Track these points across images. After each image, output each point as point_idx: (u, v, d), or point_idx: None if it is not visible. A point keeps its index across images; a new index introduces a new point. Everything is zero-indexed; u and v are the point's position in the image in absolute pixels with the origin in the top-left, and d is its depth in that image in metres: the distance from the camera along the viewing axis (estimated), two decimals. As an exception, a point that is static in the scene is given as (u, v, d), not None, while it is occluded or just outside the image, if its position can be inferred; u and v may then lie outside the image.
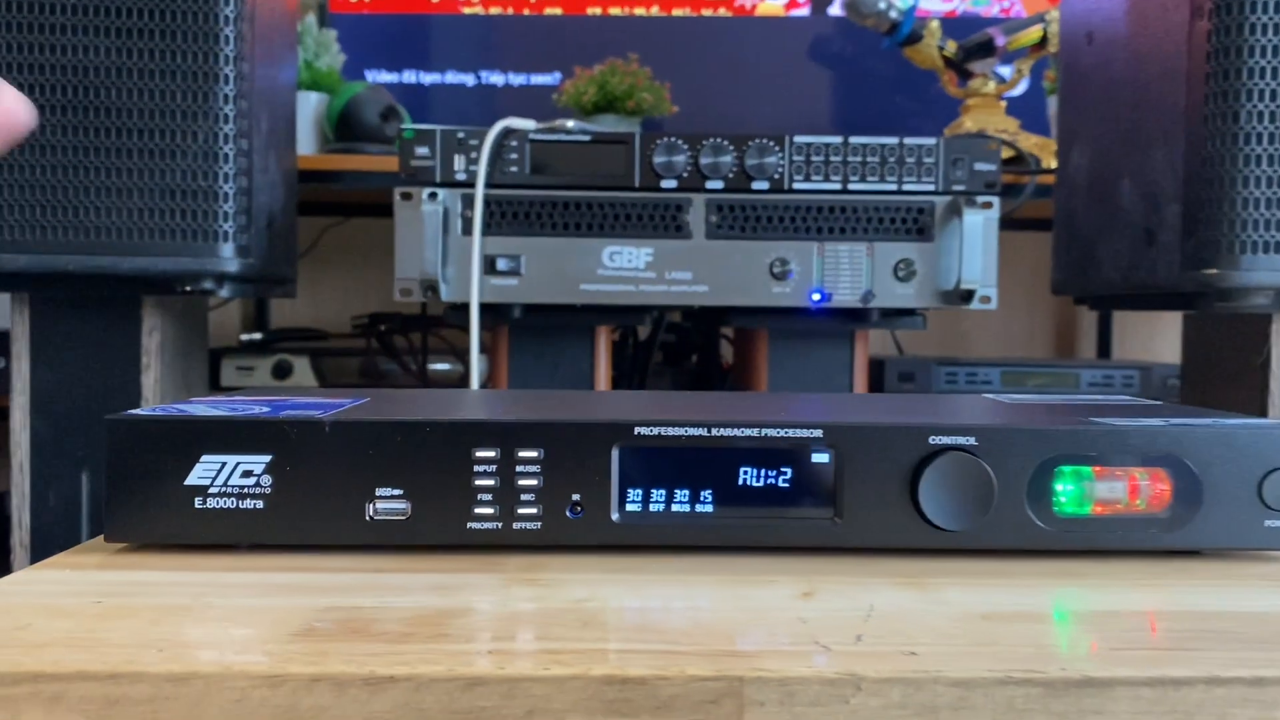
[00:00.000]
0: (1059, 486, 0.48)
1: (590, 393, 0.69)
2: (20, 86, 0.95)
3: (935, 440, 0.48)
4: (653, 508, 0.48)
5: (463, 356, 1.51)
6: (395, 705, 0.33)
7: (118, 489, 0.47)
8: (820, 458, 0.48)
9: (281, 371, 1.51)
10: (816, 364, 1.14)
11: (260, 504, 0.47)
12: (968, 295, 1.01)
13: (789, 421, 0.48)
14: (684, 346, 1.58)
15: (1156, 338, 1.95)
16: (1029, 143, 1.51)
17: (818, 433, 0.48)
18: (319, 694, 0.33)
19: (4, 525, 1.12)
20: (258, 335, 1.60)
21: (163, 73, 0.96)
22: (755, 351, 1.17)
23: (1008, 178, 1.43)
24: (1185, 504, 0.48)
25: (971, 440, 0.47)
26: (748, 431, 0.48)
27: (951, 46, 1.55)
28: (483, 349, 1.39)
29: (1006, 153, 1.49)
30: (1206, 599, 0.43)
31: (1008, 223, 1.47)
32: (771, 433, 0.48)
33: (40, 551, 1.07)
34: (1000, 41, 1.52)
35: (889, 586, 0.44)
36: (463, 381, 1.53)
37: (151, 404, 1.08)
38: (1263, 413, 1.02)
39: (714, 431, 0.48)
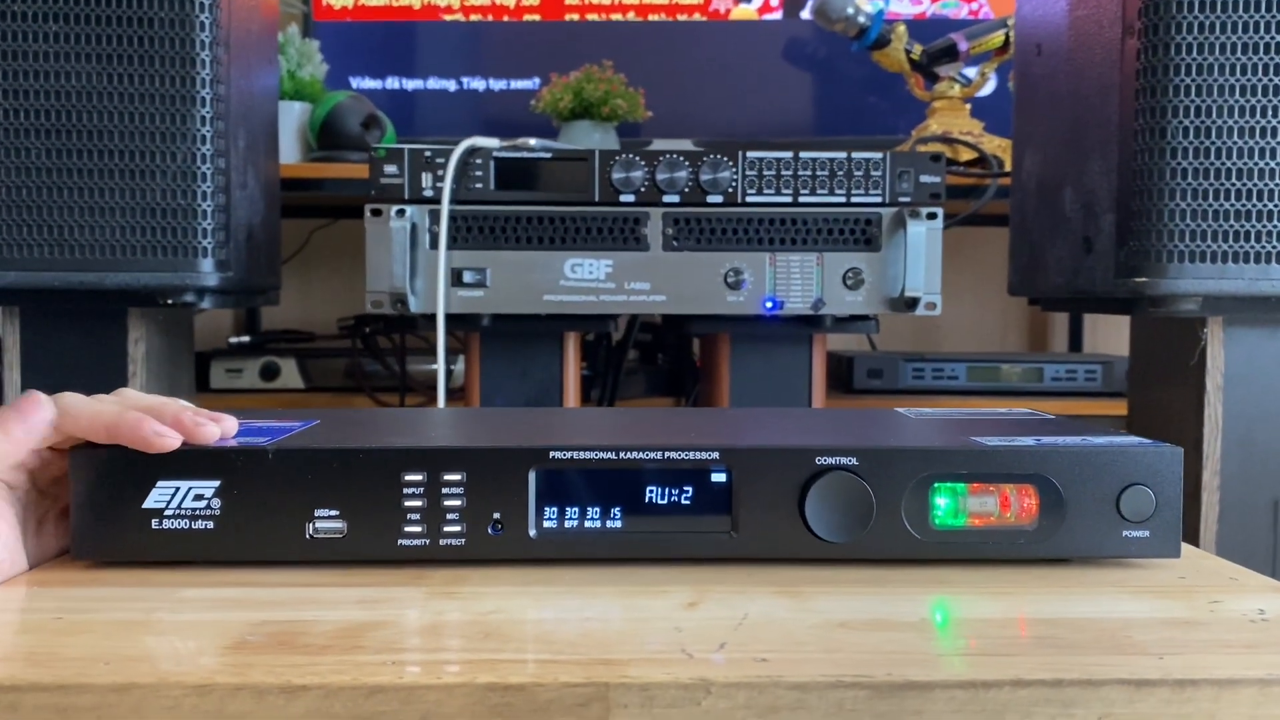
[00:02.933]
0: (937, 501, 0.53)
1: (524, 412, 0.74)
2: (7, 111, 1.00)
3: (821, 460, 0.52)
4: (567, 524, 0.53)
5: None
6: (308, 711, 0.38)
7: (82, 512, 0.52)
8: (718, 477, 0.53)
9: (269, 374, 1.56)
10: (776, 366, 1.19)
11: (211, 524, 0.52)
12: (913, 302, 1.06)
13: (689, 444, 0.53)
14: (659, 345, 1.63)
15: (1127, 331, 1.99)
16: (992, 144, 1.55)
17: (715, 454, 0.53)
18: (241, 701, 0.38)
19: None
20: (246, 338, 1.66)
21: (142, 96, 1.01)
22: (719, 354, 1.21)
23: (970, 179, 1.48)
24: (1051, 517, 0.53)
25: (853, 460, 0.52)
26: (652, 454, 0.53)
27: (918, 50, 1.59)
28: (460, 351, 1.44)
29: (970, 154, 1.53)
30: (1052, 606, 0.48)
31: (982, 218, 1.52)
32: (674, 455, 0.53)
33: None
34: (963, 46, 1.56)
35: (769, 595, 0.49)
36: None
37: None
38: (1199, 408, 1.07)
39: (621, 455, 0.53)
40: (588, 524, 0.53)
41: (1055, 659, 0.40)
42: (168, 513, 0.52)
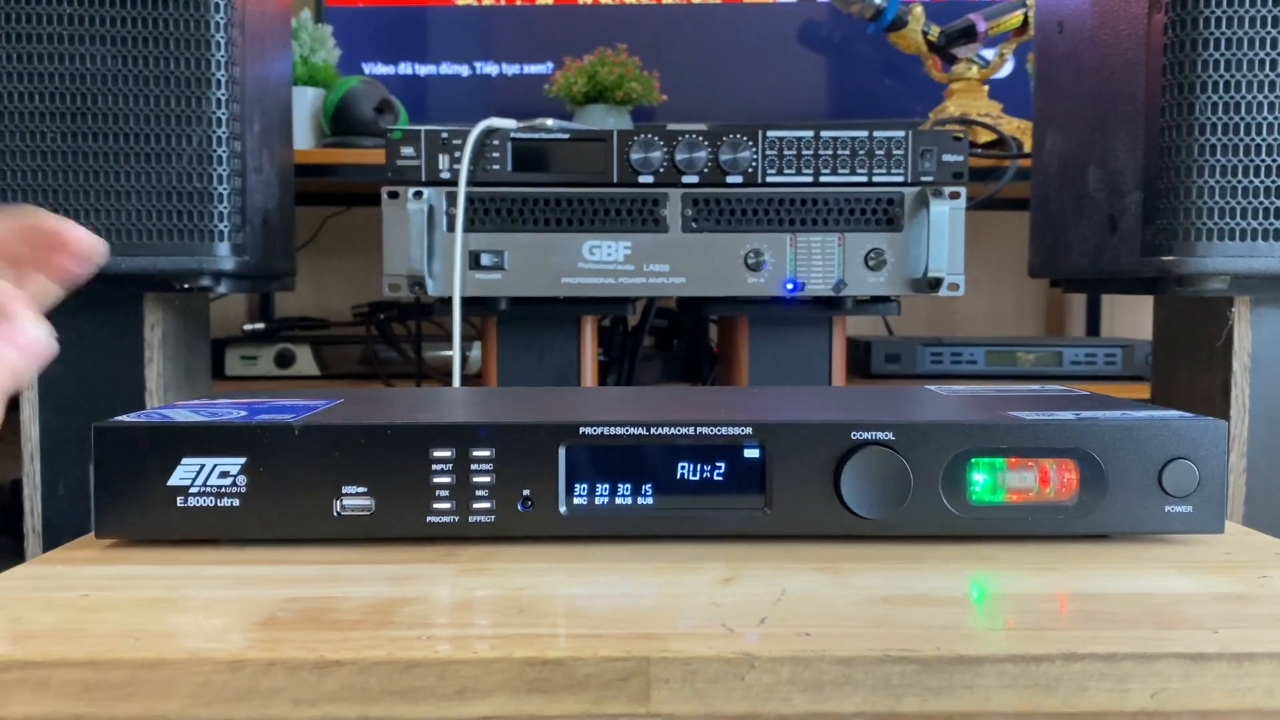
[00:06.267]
0: (975, 476, 0.52)
1: (549, 391, 0.73)
2: (21, 95, 0.99)
3: (856, 435, 0.51)
4: (598, 501, 0.52)
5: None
6: (341, 686, 0.37)
7: (106, 489, 0.51)
8: (751, 453, 0.52)
9: (284, 360, 1.55)
10: (796, 349, 1.18)
11: (236, 502, 0.51)
12: (936, 283, 1.05)
13: (722, 420, 0.52)
14: (675, 331, 1.61)
15: (1145, 315, 1.97)
16: (1011, 126, 1.54)
17: (748, 430, 0.52)
18: (274, 677, 0.37)
19: (17, 512, 1.17)
20: (261, 325, 1.65)
21: (157, 79, 1.00)
22: (737, 338, 1.20)
23: (989, 161, 1.46)
24: (1092, 492, 0.52)
25: (890, 435, 0.51)
26: (683, 430, 0.52)
27: (935, 31, 1.58)
28: (475, 337, 1.43)
29: (988, 136, 1.51)
30: (1097, 581, 0.47)
31: (998, 202, 1.50)
32: (706, 430, 0.52)
33: (51, 537, 1.12)
34: (982, 27, 1.54)
35: (806, 571, 0.48)
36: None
37: (155, 395, 1.13)
38: (1226, 389, 1.05)
39: (653, 430, 0.52)
40: (619, 501, 0.52)
41: (1106, 633, 0.39)
42: (193, 490, 0.51)
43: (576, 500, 0.52)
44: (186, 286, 1.04)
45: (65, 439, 1.12)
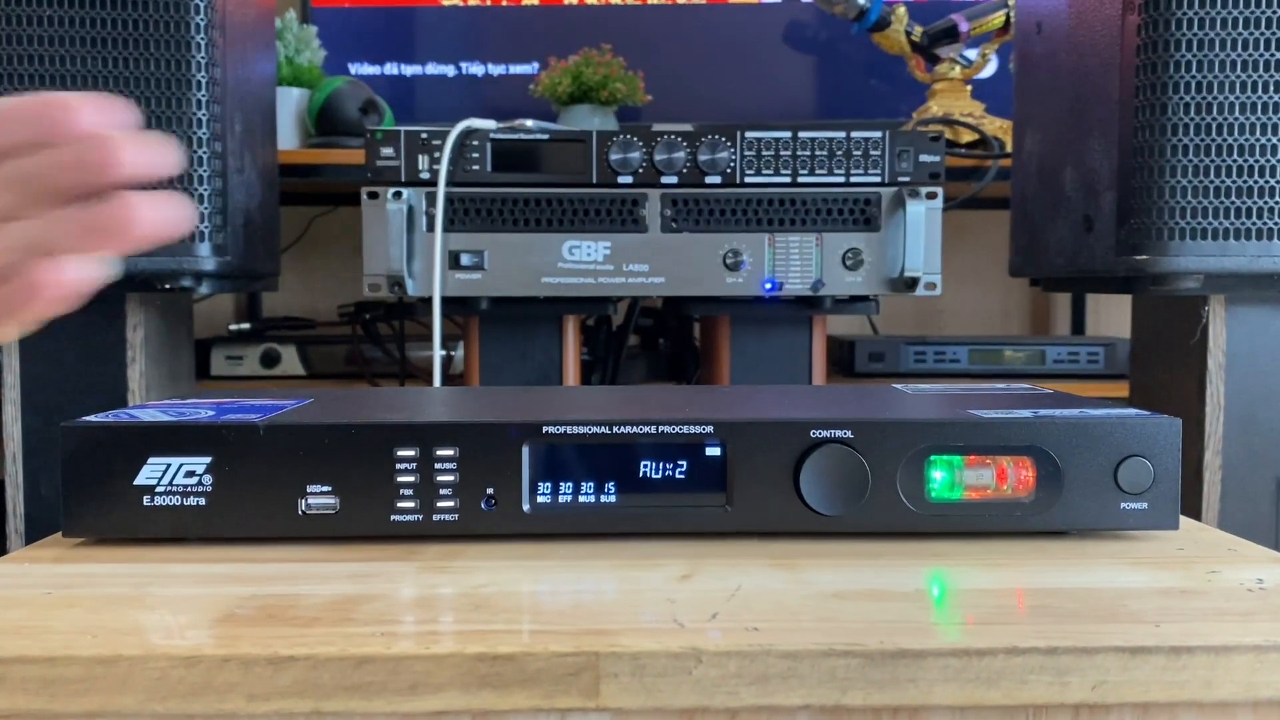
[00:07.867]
0: (933, 474, 0.53)
1: (522, 390, 0.74)
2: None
3: (815, 434, 0.52)
4: (561, 499, 0.53)
5: (444, 343, 1.55)
6: (295, 681, 0.38)
7: (73, 489, 0.52)
8: (712, 451, 0.53)
9: (269, 360, 1.56)
10: (777, 348, 1.18)
11: (202, 501, 0.52)
12: (912, 283, 1.05)
13: (683, 419, 0.53)
14: (660, 329, 1.62)
15: (1129, 313, 1.97)
16: (994, 126, 1.54)
17: (709, 428, 0.53)
18: (229, 672, 0.38)
19: (0, 513, 1.17)
20: (247, 325, 1.65)
21: (137, 80, 1.01)
22: (719, 337, 1.21)
23: (972, 161, 1.47)
24: (1049, 489, 0.53)
25: (848, 433, 0.52)
26: (645, 428, 0.53)
27: (918, 32, 1.58)
28: (460, 337, 1.44)
29: (971, 136, 1.52)
30: (1048, 577, 0.47)
31: (985, 202, 1.51)
32: (667, 429, 0.53)
33: (34, 538, 1.12)
34: (964, 27, 1.55)
35: (764, 567, 0.48)
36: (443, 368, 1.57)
37: (138, 395, 1.14)
38: (1201, 387, 1.06)
39: (615, 429, 0.53)
40: (582, 499, 0.53)
41: (1049, 627, 0.40)
42: (159, 490, 0.52)
43: (540, 498, 0.53)
44: (168, 287, 1.04)
45: (47, 440, 1.12)
